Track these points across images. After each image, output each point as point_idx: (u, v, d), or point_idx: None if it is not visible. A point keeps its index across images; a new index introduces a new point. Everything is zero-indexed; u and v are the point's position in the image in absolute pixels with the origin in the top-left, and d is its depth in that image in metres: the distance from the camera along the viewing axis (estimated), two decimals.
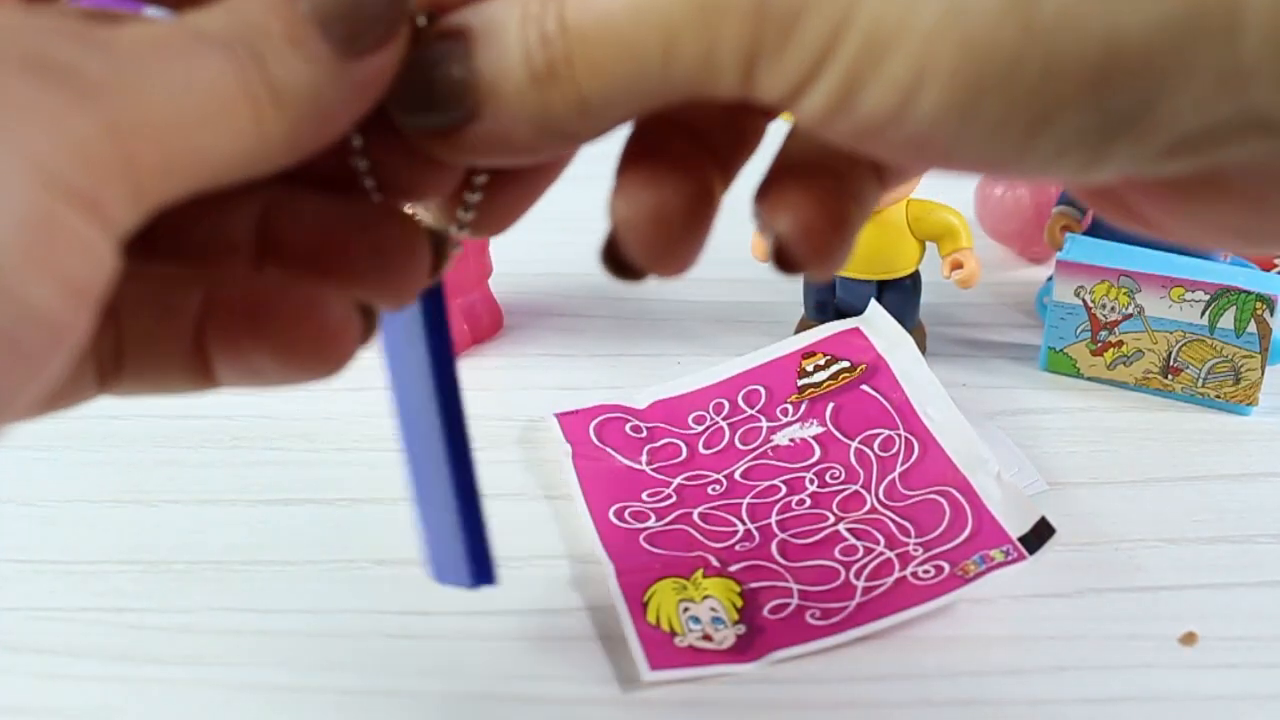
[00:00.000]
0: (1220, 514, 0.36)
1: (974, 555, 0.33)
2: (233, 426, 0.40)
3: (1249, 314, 0.39)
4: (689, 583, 0.33)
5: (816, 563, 0.34)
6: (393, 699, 0.30)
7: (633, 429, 0.40)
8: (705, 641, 0.32)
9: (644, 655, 0.31)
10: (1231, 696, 0.30)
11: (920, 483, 0.36)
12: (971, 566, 0.32)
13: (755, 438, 0.39)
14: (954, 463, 0.36)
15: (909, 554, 0.34)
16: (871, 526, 0.35)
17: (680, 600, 0.33)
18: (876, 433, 0.38)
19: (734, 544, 0.35)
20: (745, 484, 0.37)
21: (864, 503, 0.36)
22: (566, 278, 0.48)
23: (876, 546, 0.34)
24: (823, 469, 0.37)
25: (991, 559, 0.32)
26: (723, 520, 0.36)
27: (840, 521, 0.35)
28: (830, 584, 0.33)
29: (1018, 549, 0.33)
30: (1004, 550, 0.33)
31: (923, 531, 0.34)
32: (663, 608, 0.33)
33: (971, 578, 0.32)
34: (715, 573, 0.34)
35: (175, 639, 0.32)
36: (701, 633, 0.32)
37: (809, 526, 0.35)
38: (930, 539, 0.34)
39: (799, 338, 0.42)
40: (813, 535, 0.35)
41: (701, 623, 0.32)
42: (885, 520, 0.35)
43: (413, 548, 0.35)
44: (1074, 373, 0.42)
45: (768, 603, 0.33)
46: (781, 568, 0.34)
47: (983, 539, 0.33)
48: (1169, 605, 0.33)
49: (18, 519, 0.36)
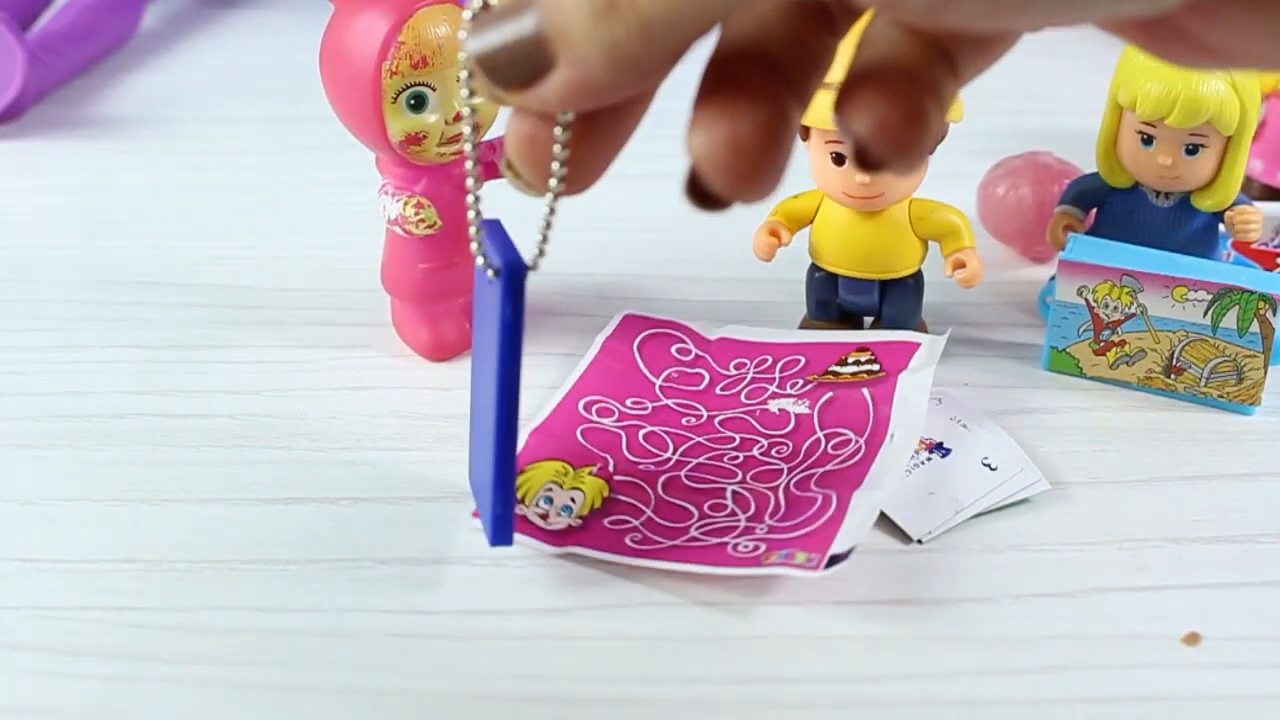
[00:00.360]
0: (1223, 514, 0.36)
1: (784, 549, 0.32)
2: (235, 426, 0.40)
3: (1252, 314, 0.39)
4: (574, 473, 0.36)
5: (680, 502, 0.36)
6: (393, 699, 0.30)
7: (680, 350, 0.42)
8: (540, 519, 0.34)
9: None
10: (1234, 696, 0.30)
11: (827, 483, 0.36)
12: (775, 557, 0.32)
13: (756, 396, 0.40)
14: (864, 477, 0.35)
15: (753, 529, 0.34)
16: (754, 498, 0.36)
17: (549, 481, 0.36)
18: (842, 433, 0.38)
19: (642, 463, 0.37)
20: (713, 428, 0.39)
21: (775, 479, 0.36)
22: (568, 277, 0.48)
23: (741, 514, 0.35)
24: (777, 442, 0.38)
25: (793, 559, 0.32)
26: (660, 442, 0.38)
27: (738, 483, 0.36)
28: (673, 523, 0.35)
29: (821, 561, 0.32)
30: (809, 556, 0.32)
31: (784, 518, 0.34)
32: (531, 480, 0.36)
33: (765, 565, 0.32)
34: (603, 475, 0.36)
35: (177, 638, 0.32)
36: (543, 512, 0.35)
37: (710, 477, 0.37)
38: (780, 525, 0.34)
39: (866, 334, 0.42)
40: (704, 484, 0.36)
41: (552, 504, 0.35)
42: (770, 498, 0.35)
43: (413, 548, 0.35)
44: (1076, 372, 0.42)
45: (614, 514, 0.35)
46: (652, 494, 0.36)
47: (807, 541, 0.33)
48: (1172, 605, 0.33)
49: (19, 518, 0.36)
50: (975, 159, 0.52)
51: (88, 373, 0.43)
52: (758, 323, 0.45)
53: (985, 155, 0.52)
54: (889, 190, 0.39)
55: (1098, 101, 0.42)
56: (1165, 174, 0.41)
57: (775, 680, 0.31)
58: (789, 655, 0.31)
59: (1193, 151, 0.40)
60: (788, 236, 0.42)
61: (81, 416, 0.41)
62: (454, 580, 0.34)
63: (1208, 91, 0.38)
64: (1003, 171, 0.50)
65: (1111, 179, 0.43)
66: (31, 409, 0.41)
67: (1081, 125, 0.51)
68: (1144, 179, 0.42)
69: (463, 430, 0.40)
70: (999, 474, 0.37)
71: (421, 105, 0.38)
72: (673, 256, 0.50)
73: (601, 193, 0.19)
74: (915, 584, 0.33)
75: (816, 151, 0.40)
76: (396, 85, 0.38)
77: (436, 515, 0.36)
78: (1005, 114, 0.62)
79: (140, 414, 0.41)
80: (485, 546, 0.35)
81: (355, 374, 0.43)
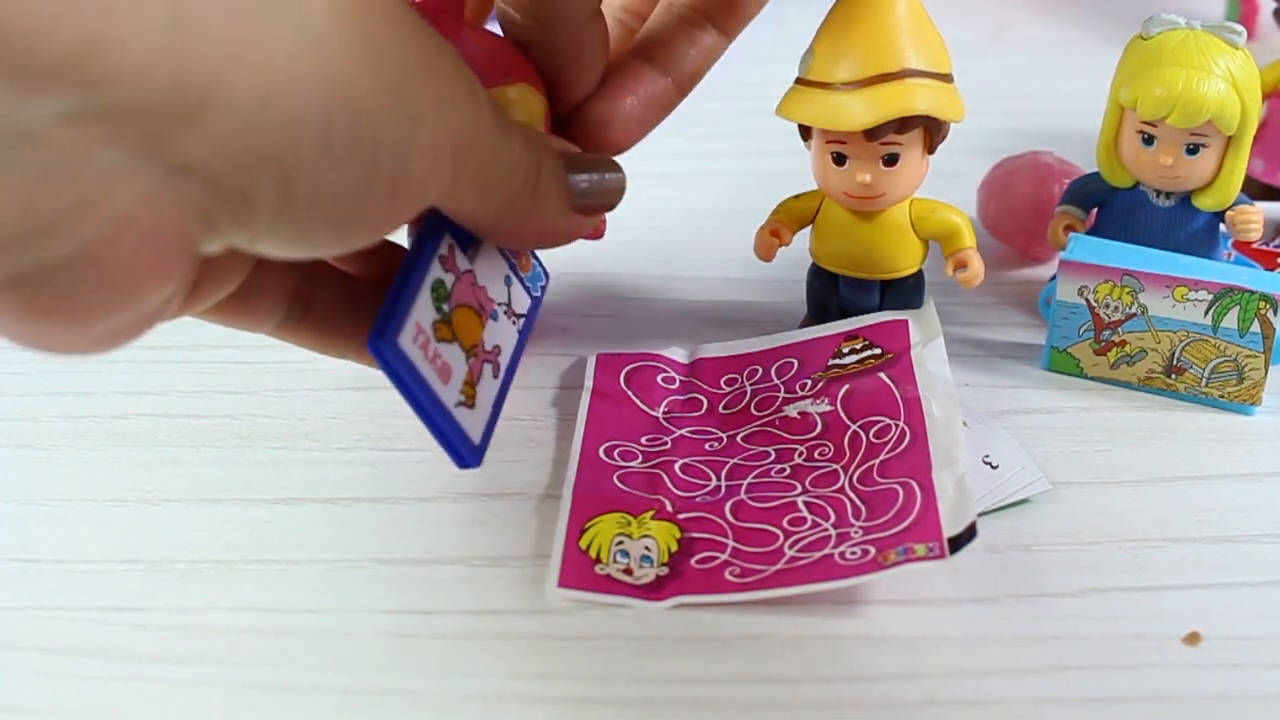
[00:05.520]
0: (1224, 514, 0.36)
1: (899, 546, 0.32)
2: (236, 426, 0.40)
3: (1252, 314, 0.39)
4: (635, 521, 0.35)
5: (760, 526, 0.35)
6: (393, 699, 0.30)
7: (665, 379, 0.41)
8: (625, 575, 0.33)
9: (558, 573, 0.33)
10: (1235, 696, 0.30)
11: (893, 473, 0.35)
12: (893, 555, 0.32)
13: (769, 406, 0.40)
14: (930, 458, 0.35)
15: (848, 534, 0.34)
16: (829, 504, 0.35)
17: (618, 534, 0.34)
18: (877, 420, 0.38)
19: (697, 495, 0.36)
20: (741, 446, 0.38)
21: (835, 481, 0.36)
22: (566, 277, 0.48)
23: (824, 523, 0.34)
24: (815, 445, 0.38)
25: (914, 552, 0.32)
26: (700, 473, 0.37)
27: (804, 494, 0.36)
28: (763, 548, 0.34)
29: (942, 547, 0.32)
30: (929, 546, 0.32)
31: (872, 516, 0.34)
32: (599, 536, 0.34)
33: (888, 565, 0.32)
34: (665, 517, 0.35)
35: (177, 638, 0.32)
36: (624, 566, 0.33)
37: (772, 494, 0.36)
38: (873, 524, 0.34)
39: (849, 321, 0.42)
40: (771, 501, 0.36)
41: (630, 557, 0.33)
42: (845, 501, 0.35)
43: (413, 548, 0.35)
44: (1077, 372, 0.42)
45: (699, 553, 0.34)
46: (727, 524, 0.35)
47: (916, 532, 0.33)
48: (1172, 605, 0.33)
49: (19, 518, 0.36)
50: (975, 159, 0.52)
51: (88, 373, 0.43)
52: (759, 323, 0.45)
53: (985, 155, 0.52)
54: (890, 190, 0.39)
55: (1098, 101, 0.42)
56: (1166, 174, 0.41)
57: (775, 680, 0.31)
58: (789, 655, 0.31)
59: (1194, 151, 0.40)
60: (789, 236, 0.42)
61: (81, 416, 0.41)
62: (454, 580, 0.34)
63: (1209, 91, 0.38)
64: (1003, 171, 0.50)
65: (1112, 179, 0.43)
66: (31, 409, 0.41)
67: (1081, 125, 0.51)
68: (1145, 179, 0.42)
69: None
70: (1000, 472, 0.37)
71: None
72: (673, 256, 0.50)
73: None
74: (915, 584, 0.33)
75: (817, 151, 0.40)
76: None
77: (436, 515, 0.36)
78: (1005, 114, 0.62)
79: (140, 414, 0.41)
80: (485, 546, 0.35)
81: (355, 374, 0.43)
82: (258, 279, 0.31)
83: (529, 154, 0.30)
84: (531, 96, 0.36)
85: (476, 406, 0.33)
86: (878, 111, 0.37)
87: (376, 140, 0.23)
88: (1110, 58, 0.42)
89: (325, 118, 0.22)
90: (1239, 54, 0.39)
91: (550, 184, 0.31)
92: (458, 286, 0.34)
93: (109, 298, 0.22)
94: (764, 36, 0.46)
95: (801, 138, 0.40)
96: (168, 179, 0.21)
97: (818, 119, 0.38)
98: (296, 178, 0.22)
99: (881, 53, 0.37)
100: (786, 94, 0.39)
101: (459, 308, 0.33)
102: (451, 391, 0.32)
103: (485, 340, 0.35)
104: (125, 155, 0.20)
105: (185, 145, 0.20)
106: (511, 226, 0.31)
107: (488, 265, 0.36)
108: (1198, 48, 0.39)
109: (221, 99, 0.20)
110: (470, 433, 0.32)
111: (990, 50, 0.74)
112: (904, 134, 0.38)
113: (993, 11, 0.80)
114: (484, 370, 0.34)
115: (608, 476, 0.37)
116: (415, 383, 0.30)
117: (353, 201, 0.24)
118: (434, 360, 0.32)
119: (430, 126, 0.25)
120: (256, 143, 0.21)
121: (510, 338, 0.36)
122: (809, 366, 0.41)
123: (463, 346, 0.33)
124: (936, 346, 0.39)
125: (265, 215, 0.23)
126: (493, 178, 0.29)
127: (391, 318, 0.30)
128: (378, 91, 0.23)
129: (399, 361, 0.30)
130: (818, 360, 0.41)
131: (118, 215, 0.21)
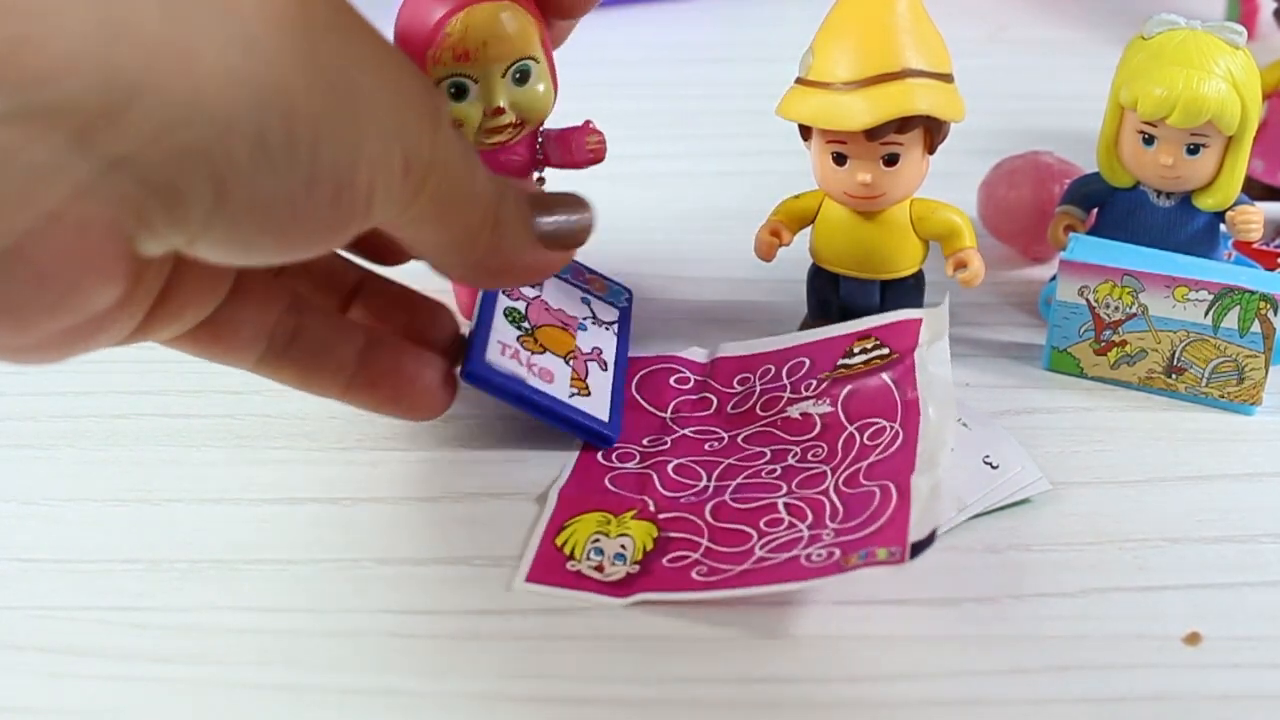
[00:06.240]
0: (1224, 514, 0.36)
1: (862, 549, 0.32)
2: (236, 426, 0.40)
3: (1252, 314, 0.39)
4: (616, 520, 0.35)
5: (736, 526, 0.35)
6: (393, 699, 0.30)
7: (678, 380, 0.42)
8: (595, 572, 0.33)
9: (528, 567, 0.33)
10: (1236, 696, 0.30)
11: (877, 475, 0.35)
12: (855, 559, 0.31)
13: (773, 407, 0.40)
14: (914, 461, 0.35)
15: (820, 536, 0.33)
16: (809, 506, 0.35)
17: (595, 532, 0.35)
18: (874, 421, 0.38)
19: (682, 496, 0.36)
20: (740, 446, 0.38)
21: (821, 483, 0.36)
22: None
23: (800, 524, 0.34)
24: (810, 446, 0.38)
25: (875, 556, 0.31)
26: (692, 473, 0.37)
27: (787, 495, 0.36)
28: (735, 548, 0.34)
29: (904, 552, 0.31)
30: (890, 550, 0.31)
31: (847, 518, 0.34)
32: (576, 535, 0.35)
33: (849, 568, 0.31)
34: (646, 517, 0.35)
35: (178, 638, 0.32)
36: (597, 564, 0.34)
37: (756, 494, 0.36)
38: (845, 526, 0.33)
39: (863, 320, 0.41)
40: (752, 502, 0.36)
41: (604, 555, 0.34)
42: (825, 502, 0.35)
43: (414, 548, 0.35)
44: (1077, 372, 0.42)
45: (672, 552, 0.34)
46: (704, 524, 0.35)
47: (882, 536, 0.32)
48: (1173, 605, 0.33)
49: (19, 518, 0.36)
50: (975, 159, 0.52)
51: (88, 373, 0.43)
52: (759, 323, 0.45)
53: (985, 155, 0.52)
54: (890, 190, 0.39)
55: (1098, 102, 0.42)
56: (1166, 174, 0.41)
57: (775, 680, 0.31)
58: (789, 655, 0.31)
59: (1194, 151, 0.40)
60: (789, 236, 0.42)
61: (81, 416, 0.41)
62: (454, 580, 0.34)
63: (1209, 91, 0.38)
64: (1003, 171, 0.50)
65: (1112, 179, 0.43)
66: (31, 409, 0.41)
67: (1081, 125, 0.51)
68: (1145, 179, 0.42)
69: (464, 431, 0.40)
70: (1000, 472, 0.37)
71: (462, 95, 0.38)
72: (673, 256, 0.50)
73: (602, 192, 0.19)
74: (915, 584, 0.33)
75: (817, 151, 0.40)
76: (438, 73, 0.38)
77: (437, 515, 0.36)
78: (1005, 114, 0.62)
79: (140, 414, 0.41)
80: (485, 546, 0.35)
81: None
82: (235, 308, 0.31)
83: (491, 186, 0.30)
84: (523, 14, 0.38)
85: (593, 394, 0.38)
86: (878, 111, 0.37)
87: (315, 143, 0.23)
88: (1110, 58, 0.42)
89: (259, 118, 0.22)
90: (1239, 54, 0.39)
91: (512, 216, 0.30)
92: (531, 310, 0.40)
93: (45, 297, 0.22)
94: (764, 36, 0.46)
95: (801, 138, 0.40)
96: (98, 174, 0.21)
97: (818, 119, 0.38)
98: (230, 177, 0.22)
99: (882, 52, 0.37)
100: (786, 94, 0.39)
101: (540, 327, 0.39)
102: (560, 387, 0.37)
103: (581, 345, 0.40)
104: (55, 151, 0.20)
105: (114, 139, 0.21)
106: (475, 260, 0.30)
107: (556, 292, 0.42)
108: (1198, 48, 0.39)
109: (149, 96, 0.21)
110: (595, 413, 0.38)
111: (990, 50, 0.74)
112: (904, 134, 0.38)
113: (993, 11, 0.80)
114: (589, 368, 0.39)
115: (599, 478, 0.37)
116: (517, 385, 0.36)
117: (292, 206, 0.24)
118: (530, 366, 0.37)
119: (377, 135, 0.25)
120: (187, 139, 0.21)
121: (609, 340, 0.42)
122: (818, 367, 0.41)
123: (557, 354, 0.39)
124: (940, 347, 0.39)
125: (200, 214, 0.23)
126: (454, 204, 0.28)
127: (474, 346, 0.36)
128: (314, 94, 0.23)
129: (490, 373, 0.35)
130: (827, 360, 0.41)
131: (48, 210, 0.21)
